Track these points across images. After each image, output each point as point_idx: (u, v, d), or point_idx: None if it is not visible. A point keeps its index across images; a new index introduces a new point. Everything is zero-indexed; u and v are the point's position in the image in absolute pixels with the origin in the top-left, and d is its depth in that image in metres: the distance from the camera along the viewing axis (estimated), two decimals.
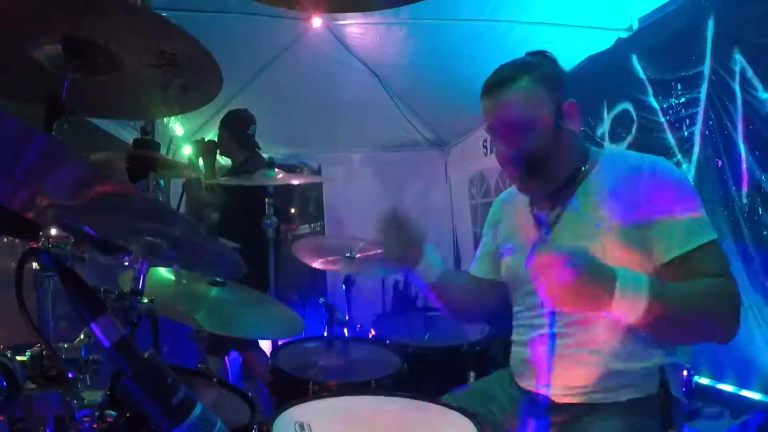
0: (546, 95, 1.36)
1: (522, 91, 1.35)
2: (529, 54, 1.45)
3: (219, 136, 3.36)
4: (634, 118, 2.76)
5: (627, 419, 1.27)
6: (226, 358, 3.18)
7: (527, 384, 1.46)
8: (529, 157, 1.37)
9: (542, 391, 1.39)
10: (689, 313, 1.20)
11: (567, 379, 1.35)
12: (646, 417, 1.27)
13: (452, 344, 2.29)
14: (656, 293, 1.13)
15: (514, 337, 1.55)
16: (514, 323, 1.57)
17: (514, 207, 1.60)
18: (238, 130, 3.29)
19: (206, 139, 3.32)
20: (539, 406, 1.40)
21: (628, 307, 1.12)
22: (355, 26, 3.80)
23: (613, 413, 1.28)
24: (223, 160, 3.83)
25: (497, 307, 1.68)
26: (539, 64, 1.40)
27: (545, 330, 1.40)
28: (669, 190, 1.29)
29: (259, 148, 3.37)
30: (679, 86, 2.44)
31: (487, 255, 1.69)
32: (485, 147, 4.53)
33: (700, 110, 2.33)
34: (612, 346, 1.30)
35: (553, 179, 1.41)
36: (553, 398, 1.37)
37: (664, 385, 1.24)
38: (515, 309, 1.57)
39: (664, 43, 2.56)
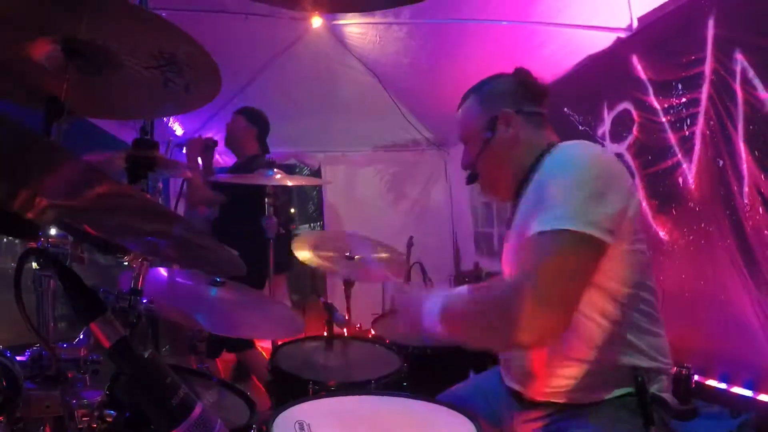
0: (481, 109, 1.48)
1: (463, 110, 1.53)
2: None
3: (238, 129, 3.35)
4: (635, 118, 2.76)
5: (608, 417, 1.27)
6: (217, 360, 3.19)
7: (509, 382, 1.47)
8: (471, 169, 1.52)
9: (522, 389, 1.40)
10: (469, 322, 1.27)
11: (544, 380, 1.35)
12: (628, 415, 1.27)
13: (452, 343, 2.29)
14: (445, 310, 1.26)
15: None
16: None
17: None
18: (264, 130, 3.40)
19: (204, 137, 3.30)
20: (523, 403, 1.41)
21: (432, 325, 1.27)
22: (355, 26, 3.80)
23: (595, 411, 1.28)
24: (222, 160, 3.83)
25: None
26: (493, 80, 1.51)
27: None
28: (553, 173, 1.25)
29: (269, 151, 3.40)
30: (679, 86, 2.44)
31: None
32: None
33: (701, 110, 2.33)
34: (584, 349, 1.29)
35: (499, 188, 1.51)
36: (534, 396, 1.37)
37: (639, 384, 1.24)
38: None
39: (664, 43, 2.56)
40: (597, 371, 1.29)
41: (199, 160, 3.18)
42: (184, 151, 4.37)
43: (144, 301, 1.21)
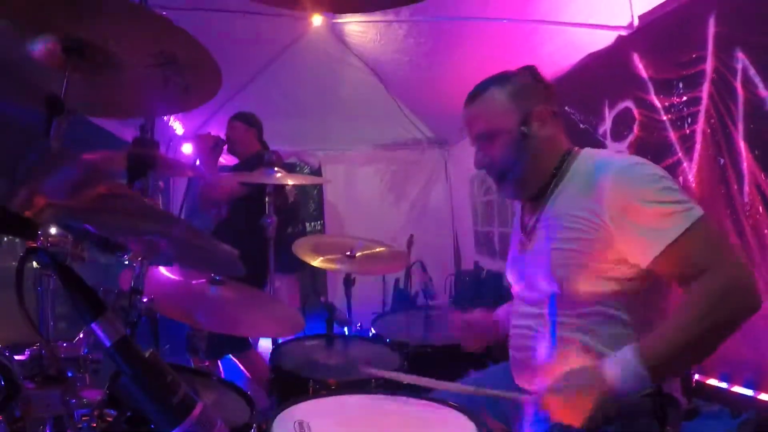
0: (512, 104, 1.41)
1: (486, 103, 1.43)
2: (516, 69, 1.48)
3: (240, 134, 3.35)
4: (636, 116, 2.75)
5: (624, 418, 1.27)
6: (219, 361, 3.18)
7: (520, 381, 1.47)
8: (496, 165, 1.44)
9: (536, 389, 1.40)
10: (698, 342, 1.16)
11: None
12: (642, 415, 1.27)
13: (452, 342, 2.29)
14: (651, 357, 1.14)
15: (510, 335, 1.56)
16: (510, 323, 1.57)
17: (518, 208, 1.62)
18: (261, 129, 3.40)
19: (212, 134, 3.28)
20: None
21: (636, 384, 1.15)
22: (355, 24, 3.80)
23: None
24: (225, 159, 3.82)
25: None
26: (514, 76, 1.45)
27: (533, 332, 1.41)
28: (629, 187, 1.25)
29: (268, 148, 3.40)
30: (680, 84, 2.44)
31: None
32: None
33: (702, 109, 2.32)
34: (599, 349, 1.29)
35: (527, 186, 1.45)
36: None
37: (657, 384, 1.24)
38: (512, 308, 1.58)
39: (664, 42, 2.55)
40: None
41: None
42: (185, 149, 4.37)
43: (144, 299, 1.21)
